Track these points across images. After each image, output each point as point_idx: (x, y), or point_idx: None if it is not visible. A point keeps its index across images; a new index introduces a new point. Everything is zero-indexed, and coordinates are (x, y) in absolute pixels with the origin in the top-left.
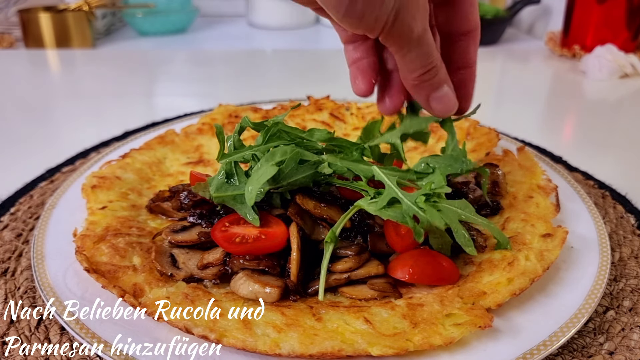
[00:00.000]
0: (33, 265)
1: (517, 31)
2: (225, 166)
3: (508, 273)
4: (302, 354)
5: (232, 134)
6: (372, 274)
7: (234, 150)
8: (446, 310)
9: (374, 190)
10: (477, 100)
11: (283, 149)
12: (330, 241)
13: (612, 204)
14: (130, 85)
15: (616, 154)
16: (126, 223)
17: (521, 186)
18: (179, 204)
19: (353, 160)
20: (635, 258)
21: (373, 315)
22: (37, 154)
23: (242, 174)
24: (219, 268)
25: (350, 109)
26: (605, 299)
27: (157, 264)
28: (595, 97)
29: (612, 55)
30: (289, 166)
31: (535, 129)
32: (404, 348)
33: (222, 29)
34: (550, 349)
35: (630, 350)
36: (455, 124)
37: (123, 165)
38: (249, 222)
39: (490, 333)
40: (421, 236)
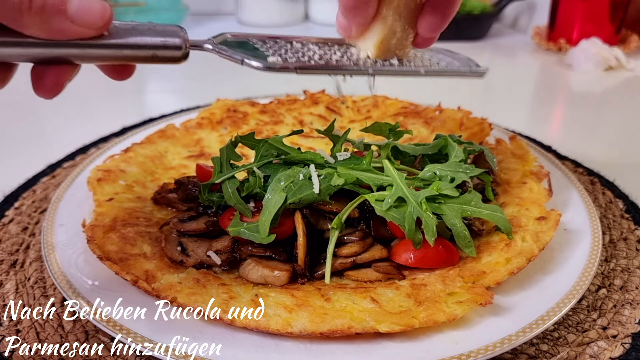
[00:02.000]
0: (44, 256)
1: (502, 26)
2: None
3: (506, 253)
4: (313, 332)
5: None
6: (376, 257)
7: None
8: (448, 289)
9: (378, 185)
10: (467, 94)
11: (287, 174)
12: (336, 227)
13: (601, 189)
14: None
15: (603, 143)
16: (133, 214)
17: (514, 173)
18: (185, 195)
19: (362, 170)
20: (625, 240)
21: (379, 295)
22: (37, 150)
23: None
24: (227, 255)
25: (345, 102)
26: (597, 279)
27: (168, 251)
28: (582, 89)
29: (596, 48)
30: (298, 185)
31: (524, 120)
32: (410, 325)
33: (212, 26)
34: (547, 324)
35: (622, 324)
36: (448, 114)
37: (126, 158)
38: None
39: (490, 310)
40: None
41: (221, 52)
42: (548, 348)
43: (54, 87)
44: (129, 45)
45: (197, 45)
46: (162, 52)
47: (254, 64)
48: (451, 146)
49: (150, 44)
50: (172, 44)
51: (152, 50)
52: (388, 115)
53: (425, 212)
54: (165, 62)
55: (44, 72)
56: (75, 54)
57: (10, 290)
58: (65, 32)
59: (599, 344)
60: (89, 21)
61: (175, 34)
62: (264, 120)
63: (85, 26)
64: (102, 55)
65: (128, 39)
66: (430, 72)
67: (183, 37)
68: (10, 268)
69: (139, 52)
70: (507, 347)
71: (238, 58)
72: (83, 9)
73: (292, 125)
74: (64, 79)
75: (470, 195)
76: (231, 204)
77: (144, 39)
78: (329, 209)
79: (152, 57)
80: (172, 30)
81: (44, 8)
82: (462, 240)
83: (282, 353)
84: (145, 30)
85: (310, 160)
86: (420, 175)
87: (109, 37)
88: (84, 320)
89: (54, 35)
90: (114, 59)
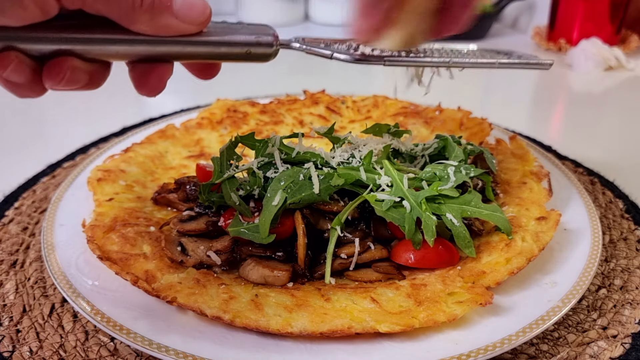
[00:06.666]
0: (44, 256)
1: (502, 26)
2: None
3: (506, 253)
4: (313, 332)
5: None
6: (376, 257)
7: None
8: (448, 289)
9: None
10: (467, 94)
11: (287, 173)
12: (336, 227)
13: (601, 189)
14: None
15: (603, 143)
16: (133, 214)
17: (514, 173)
18: (185, 195)
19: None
20: (625, 240)
21: (379, 295)
22: (37, 150)
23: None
24: (227, 255)
25: (345, 102)
26: (597, 278)
27: (168, 252)
28: (582, 89)
29: (597, 48)
30: (298, 185)
31: (524, 120)
32: (410, 325)
33: None
34: (547, 324)
35: (622, 324)
36: (448, 114)
37: (126, 158)
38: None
39: (490, 310)
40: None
41: (309, 49)
42: (548, 348)
43: (157, 85)
44: (225, 43)
45: (286, 44)
46: (255, 49)
47: (342, 57)
48: (451, 146)
49: (245, 41)
50: (265, 41)
51: (247, 47)
52: (388, 115)
53: (424, 212)
54: (256, 60)
55: (148, 71)
56: (177, 51)
57: (10, 290)
58: (171, 28)
59: (599, 344)
60: (192, 17)
61: (267, 32)
62: (264, 120)
63: (188, 22)
64: (201, 52)
65: (225, 36)
66: (502, 65)
67: (274, 34)
68: (10, 268)
69: (235, 49)
70: (507, 347)
71: (328, 53)
72: (187, 5)
73: (292, 126)
74: (165, 77)
75: (470, 196)
76: (231, 204)
77: (240, 36)
78: (329, 209)
79: (246, 54)
80: (264, 28)
81: (154, 4)
82: (461, 240)
83: (282, 353)
84: (240, 29)
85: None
86: (420, 175)
87: (207, 35)
88: (84, 320)
89: (161, 31)
90: (211, 56)
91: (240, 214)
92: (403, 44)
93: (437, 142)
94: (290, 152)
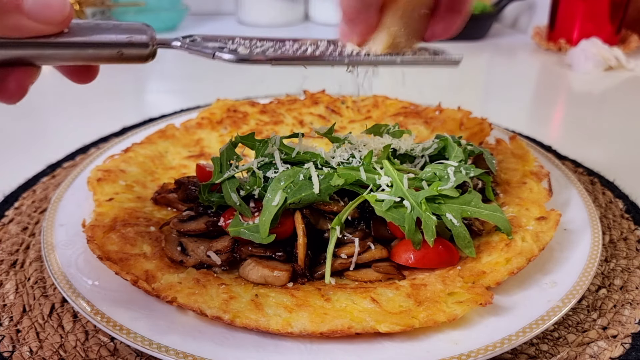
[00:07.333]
0: (44, 256)
1: (502, 26)
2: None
3: (506, 253)
4: (313, 332)
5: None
6: (376, 257)
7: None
8: (448, 289)
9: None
10: (467, 94)
11: (287, 173)
12: (336, 227)
13: (601, 189)
14: (121, 83)
15: (603, 143)
16: (133, 214)
17: (514, 173)
18: (185, 195)
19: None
20: (625, 240)
21: (379, 295)
22: (37, 150)
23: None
24: (227, 255)
25: (345, 102)
26: (597, 278)
27: (168, 252)
28: (582, 89)
29: (596, 48)
30: (298, 185)
31: (524, 120)
32: (410, 325)
33: (212, 26)
34: (547, 324)
35: (622, 325)
36: (448, 114)
37: (126, 159)
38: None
39: (490, 310)
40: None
41: (190, 48)
42: (548, 348)
43: (17, 91)
44: (92, 44)
45: (165, 43)
46: (128, 50)
47: (225, 57)
48: (451, 146)
49: (115, 41)
50: (139, 41)
51: (118, 48)
52: (388, 115)
53: (425, 212)
54: (132, 62)
55: (5, 76)
56: (35, 54)
57: (10, 290)
58: (23, 28)
59: (599, 344)
60: (48, 16)
61: (141, 31)
62: (264, 120)
63: (43, 22)
64: (64, 55)
65: (91, 36)
66: (405, 62)
67: (150, 34)
68: (10, 268)
69: (104, 50)
70: (507, 347)
71: (209, 52)
72: (40, 4)
73: (292, 126)
74: (27, 82)
75: (470, 196)
76: (231, 204)
77: (109, 36)
78: (329, 209)
79: (119, 55)
80: (138, 28)
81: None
82: (461, 240)
83: (282, 353)
84: (110, 28)
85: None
86: (420, 175)
87: (71, 36)
88: (84, 320)
89: (10, 32)
90: (78, 58)
91: (240, 214)
92: (390, 47)
93: (437, 142)
94: (290, 152)
